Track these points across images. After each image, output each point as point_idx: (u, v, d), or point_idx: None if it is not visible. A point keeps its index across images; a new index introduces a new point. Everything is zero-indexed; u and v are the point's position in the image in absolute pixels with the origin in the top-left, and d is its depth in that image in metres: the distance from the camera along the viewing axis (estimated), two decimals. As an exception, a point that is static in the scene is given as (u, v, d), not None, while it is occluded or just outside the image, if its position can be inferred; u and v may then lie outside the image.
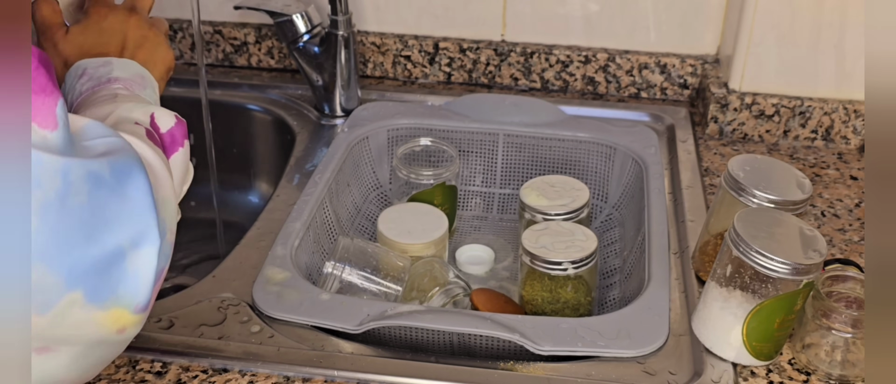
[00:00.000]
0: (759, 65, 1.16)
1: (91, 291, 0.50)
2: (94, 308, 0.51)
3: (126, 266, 0.52)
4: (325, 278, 0.93)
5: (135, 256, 0.53)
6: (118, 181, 0.52)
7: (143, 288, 0.54)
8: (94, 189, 0.50)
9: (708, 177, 1.09)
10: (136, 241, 0.53)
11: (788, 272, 0.74)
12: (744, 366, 0.80)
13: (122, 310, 0.53)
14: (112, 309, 0.52)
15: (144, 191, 0.54)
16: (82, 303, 0.50)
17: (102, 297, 0.51)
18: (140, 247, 0.53)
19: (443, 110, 1.19)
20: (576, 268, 0.91)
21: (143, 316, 0.55)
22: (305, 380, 0.78)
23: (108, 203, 0.51)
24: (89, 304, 0.51)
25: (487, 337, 0.82)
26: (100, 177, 0.51)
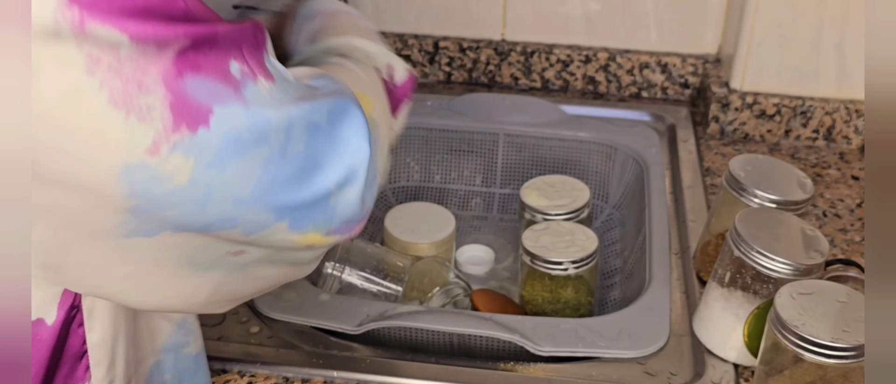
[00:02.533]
0: (760, 64, 1.16)
1: (295, 222, 0.54)
2: (295, 233, 0.55)
3: (329, 202, 0.56)
4: (325, 279, 0.93)
5: (339, 195, 0.56)
6: (332, 124, 0.55)
7: (337, 220, 0.57)
8: (311, 137, 0.53)
9: (709, 177, 1.09)
10: (343, 182, 0.56)
11: (790, 272, 0.74)
12: (745, 367, 0.80)
13: (316, 235, 0.56)
14: (309, 233, 0.56)
15: (358, 134, 0.57)
16: (285, 229, 0.54)
17: (303, 227, 0.55)
18: (345, 187, 0.56)
19: (443, 110, 1.19)
20: (576, 268, 0.91)
21: (337, 237, 0.58)
22: (305, 380, 0.78)
23: (321, 148, 0.54)
24: (291, 231, 0.55)
25: (487, 337, 0.82)
26: (317, 125, 0.54)
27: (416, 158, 1.20)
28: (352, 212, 0.58)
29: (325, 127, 0.55)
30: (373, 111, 0.62)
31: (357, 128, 0.57)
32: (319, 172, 0.54)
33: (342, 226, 0.58)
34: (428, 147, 1.19)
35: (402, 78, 0.73)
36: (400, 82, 0.73)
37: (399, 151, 1.19)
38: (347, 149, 0.56)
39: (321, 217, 0.56)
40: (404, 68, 0.74)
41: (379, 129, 0.62)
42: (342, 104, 0.57)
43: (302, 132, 0.53)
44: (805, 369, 0.69)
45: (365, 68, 0.69)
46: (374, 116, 0.62)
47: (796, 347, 0.68)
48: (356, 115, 0.57)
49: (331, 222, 0.57)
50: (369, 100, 0.63)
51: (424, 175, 1.21)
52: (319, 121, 0.54)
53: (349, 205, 0.57)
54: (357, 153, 0.57)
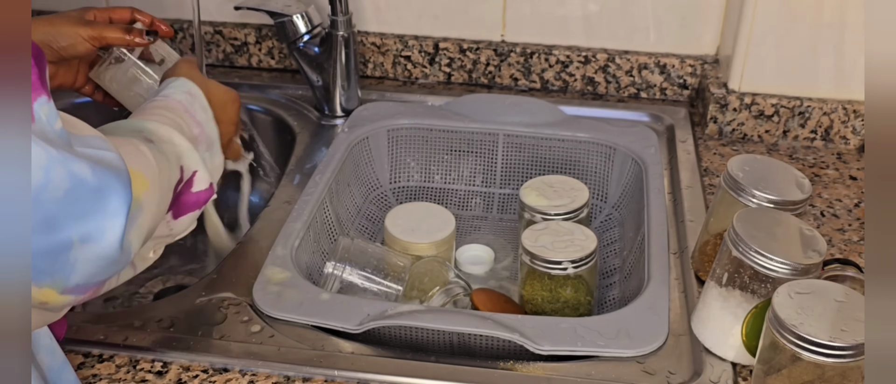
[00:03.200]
0: (758, 65, 1.16)
1: (34, 273, 0.54)
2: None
3: (69, 257, 0.56)
4: (326, 278, 0.93)
5: (80, 250, 0.56)
6: (98, 187, 0.56)
7: (74, 277, 0.57)
8: (73, 189, 0.54)
9: (707, 177, 1.10)
10: (86, 239, 0.56)
11: (788, 272, 0.74)
12: (743, 366, 0.80)
13: (51, 291, 0.57)
14: (44, 288, 0.56)
15: (120, 200, 0.58)
16: None
17: (40, 279, 0.55)
18: (87, 243, 0.56)
19: (443, 110, 1.20)
20: (576, 267, 0.91)
21: (71, 298, 0.59)
22: (306, 379, 0.78)
23: (80, 203, 0.55)
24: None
25: (487, 336, 0.83)
26: (83, 180, 0.55)
27: (416, 158, 1.20)
28: (87, 274, 0.58)
29: (92, 186, 0.55)
30: (143, 193, 0.63)
31: (120, 198, 0.57)
32: (67, 224, 0.54)
33: (79, 287, 0.58)
34: (428, 147, 1.19)
35: (201, 188, 0.75)
36: (196, 190, 0.75)
37: (399, 151, 1.19)
38: (102, 213, 0.56)
39: (59, 271, 0.56)
40: (206, 181, 0.76)
41: (143, 213, 0.63)
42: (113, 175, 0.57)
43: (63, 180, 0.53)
44: (803, 368, 0.70)
45: (164, 160, 0.70)
46: (141, 198, 0.63)
47: (794, 346, 0.68)
48: (122, 187, 0.58)
49: (67, 279, 0.57)
50: (145, 180, 0.64)
51: (424, 175, 1.21)
52: (86, 179, 0.55)
53: (90, 265, 0.57)
54: (110, 219, 0.57)
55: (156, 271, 1.19)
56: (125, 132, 0.71)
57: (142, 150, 0.67)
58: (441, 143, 1.19)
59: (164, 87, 0.81)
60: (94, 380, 0.77)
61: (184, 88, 0.81)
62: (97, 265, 0.58)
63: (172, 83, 0.81)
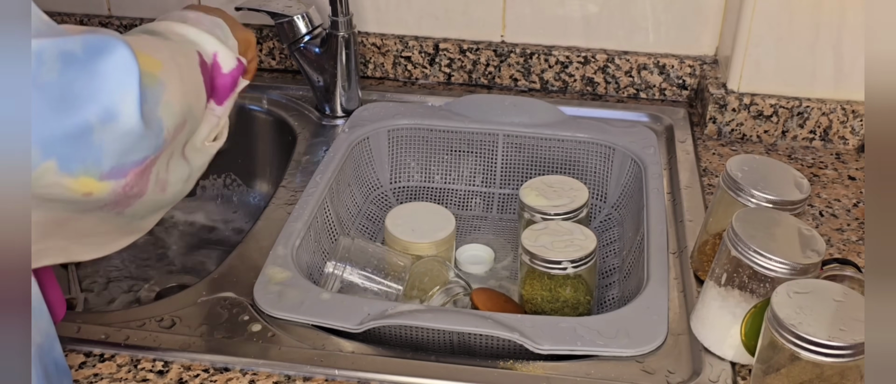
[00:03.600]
0: (757, 65, 1.17)
1: (62, 161, 0.55)
2: (66, 176, 0.56)
3: (93, 139, 0.56)
4: (327, 278, 0.94)
5: (103, 131, 0.56)
6: (90, 58, 0.56)
7: (106, 159, 0.57)
8: (66, 67, 0.54)
9: (706, 177, 1.10)
10: (105, 118, 0.56)
11: (786, 272, 0.74)
12: (742, 366, 0.80)
13: (88, 178, 0.57)
14: (80, 177, 0.56)
15: (121, 69, 0.57)
16: (55, 170, 0.55)
17: (71, 166, 0.56)
18: (108, 123, 0.56)
19: (443, 111, 1.20)
20: (575, 267, 0.92)
21: (112, 183, 0.59)
22: (306, 379, 0.78)
23: (77, 78, 0.55)
24: (61, 173, 0.55)
25: (487, 336, 0.83)
26: (72, 54, 0.55)
27: (417, 159, 1.20)
28: (118, 154, 0.58)
29: (81, 58, 0.55)
30: (159, 71, 0.62)
31: (121, 66, 0.57)
32: (76, 104, 0.55)
33: (114, 169, 0.58)
34: (428, 147, 1.20)
35: (230, 66, 0.74)
36: (227, 70, 0.74)
37: (399, 152, 1.20)
38: (107, 84, 0.56)
39: (88, 155, 0.56)
40: (232, 57, 0.75)
41: (166, 89, 0.62)
42: (103, 41, 0.57)
43: (54, 61, 0.53)
44: (802, 367, 0.70)
45: (171, 43, 0.69)
46: (158, 74, 0.62)
47: (793, 346, 0.69)
48: (121, 54, 0.57)
49: (100, 163, 0.57)
50: (155, 61, 0.63)
51: (424, 175, 1.21)
52: (74, 51, 0.55)
53: (116, 144, 0.57)
54: (119, 90, 0.57)
55: (156, 270, 1.20)
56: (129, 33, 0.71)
57: (143, 37, 0.67)
58: (441, 144, 1.19)
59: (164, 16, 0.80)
60: (95, 379, 0.78)
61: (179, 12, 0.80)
62: (124, 142, 0.58)
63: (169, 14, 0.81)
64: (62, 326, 0.82)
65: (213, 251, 1.24)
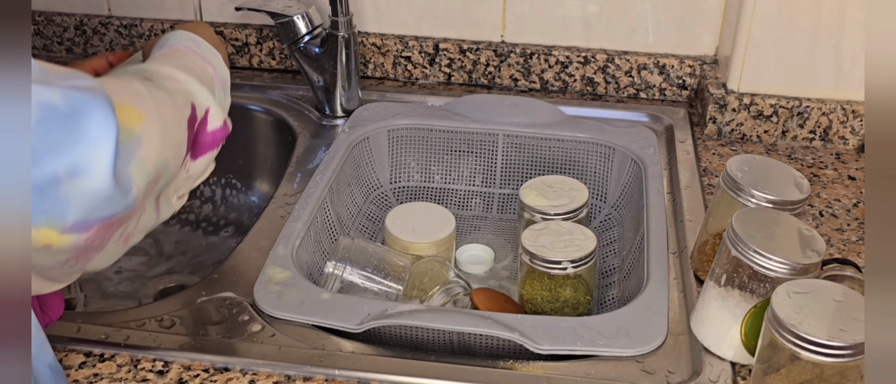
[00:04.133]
0: (757, 65, 1.17)
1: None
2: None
3: (60, 191, 0.55)
4: (327, 278, 0.94)
5: (71, 184, 0.55)
6: (71, 113, 0.55)
7: (71, 213, 0.56)
8: (45, 119, 0.54)
9: (706, 177, 1.10)
10: (74, 171, 0.55)
11: (786, 272, 0.74)
12: (742, 365, 0.80)
13: (50, 231, 0.56)
14: (42, 228, 0.55)
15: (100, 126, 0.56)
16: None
17: (34, 218, 0.55)
18: (77, 177, 0.56)
19: (443, 111, 1.20)
20: (575, 267, 0.92)
21: (74, 237, 0.58)
22: (306, 379, 0.78)
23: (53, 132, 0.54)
24: None
25: (487, 336, 0.83)
26: (53, 107, 0.54)
27: (417, 158, 1.20)
28: (84, 210, 0.57)
29: (63, 113, 0.54)
30: (138, 125, 0.61)
31: (99, 123, 0.56)
32: (48, 156, 0.54)
33: (78, 224, 0.57)
34: (428, 147, 1.20)
35: (215, 126, 0.73)
36: (211, 128, 0.73)
37: (399, 152, 1.20)
38: (81, 139, 0.55)
39: (52, 208, 0.55)
40: (220, 118, 0.74)
41: (142, 146, 0.61)
42: (84, 98, 0.56)
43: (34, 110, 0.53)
44: (802, 367, 0.70)
45: (163, 95, 0.67)
46: (136, 130, 0.61)
47: (793, 346, 0.69)
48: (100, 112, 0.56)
49: (64, 216, 0.56)
50: (137, 114, 0.62)
51: (424, 175, 1.21)
52: (56, 105, 0.54)
53: (83, 199, 0.56)
54: (92, 146, 0.56)
55: (156, 270, 1.20)
56: (121, 74, 0.70)
57: (133, 85, 0.65)
58: (441, 144, 1.19)
59: (165, 40, 0.78)
60: (95, 379, 0.78)
61: (185, 36, 0.79)
62: (92, 199, 0.57)
63: (173, 34, 0.79)
64: (62, 326, 0.82)
65: (213, 251, 1.24)
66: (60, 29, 1.40)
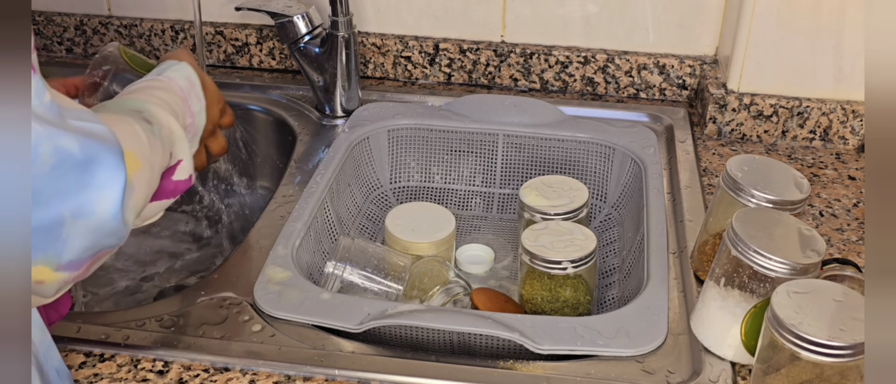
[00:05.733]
0: (757, 65, 1.17)
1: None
2: None
3: (62, 233, 0.56)
4: (327, 278, 0.94)
5: (73, 225, 0.56)
6: (85, 161, 0.56)
7: (68, 252, 0.57)
8: (59, 164, 0.54)
9: (706, 177, 1.10)
10: (78, 214, 0.56)
11: (786, 272, 0.74)
12: (742, 365, 0.80)
13: (45, 268, 0.57)
14: (38, 265, 0.56)
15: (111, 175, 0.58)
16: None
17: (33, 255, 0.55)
18: (79, 220, 0.56)
19: (443, 111, 1.20)
20: (575, 267, 0.92)
21: (65, 275, 0.58)
22: (306, 378, 0.78)
23: (66, 177, 0.55)
24: None
25: (487, 336, 0.83)
26: (69, 154, 0.55)
27: (417, 158, 1.20)
28: (81, 249, 0.58)
29: (79, 161, 0.55)
30: (134, 174, 0.63)
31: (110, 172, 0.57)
32: (57, 199, 0.54)
33: (72, 262, 0.58)
34: (428, 147, 1.20)
35: (181, 177, 0.74)
36: (177, 178, 0.74)
37: (399, 151, 1.20)
38: (92, 186, 0.57)
39: (52, 247, 0.56)
40: (188, 171, 0.74)
41: (134, 193, 0.63)
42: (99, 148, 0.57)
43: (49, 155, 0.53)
44: (802, 367, 0.70)
45: (157, 143, 0.69)
46: (132, 178, 0.62)
47: (793, 346, 0.69)
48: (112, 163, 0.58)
49: (61, 256, 0.57)
50: (136, 161, 0.63)
51: (424, 175, 1.21)
52: (73, 152, 0.55)
53: (83, 239, 0.57)
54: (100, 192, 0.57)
55: (156, 270, 1.20)
56: (124, 110, 0.70)
57: (136, 129, 0.66)
58: (441, 143, 1.19)
59: (165, 68, 0.79)
60: (95, 379, 0.78)
61: (185, 74, 0.79)
62: (91, 239, 0.58)
63: (174, 66, 0.80)
64: (62, 326, 0.82)
65: (213, 251, 1.24)
66: (60, 29, 1.40)
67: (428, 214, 1.04)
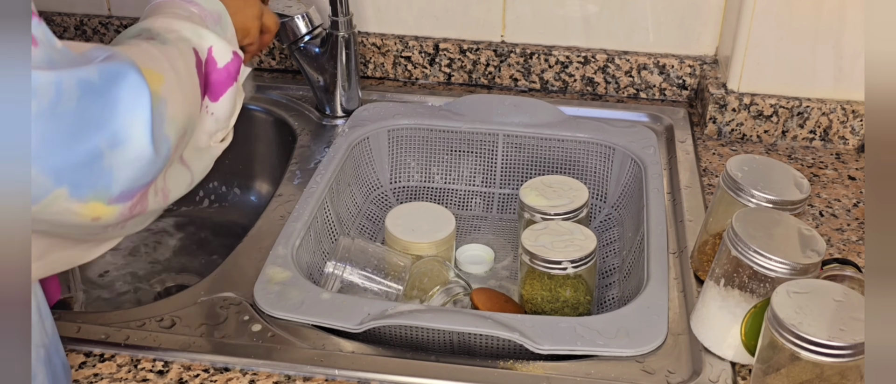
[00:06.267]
0: (757, 65, 1.17)
1: (73, 187, 0.55)
2: (75, 201, 0.56)
3: (103, 164, 0.56)
4: (327, 278, 0.94)
5: (112, 156, 0.57)
6: (106, 85, 0.56)
7: (116, 184, 0.58)
8: (83, 96, 0.55)
9: (706, 177, 1.10)
10: (114, 143, 0.57)
11: (786, 272, 0.74)
12: (742, 365, 0.80)
13: (98, 203, 0.57)
14: (90, 202, 0.57)
15: (134, 93, 0.58)
16: (66, 197, 0.55)
17: (82, 193, 0.56)
18: (117, 148, 0.57)
19: (443, 111, 1.20)
20: (575, 267, 0.92)
21: (120, 207, 0.59)
22: (306, 379, 0.78)
23: (93, 107, 0.55)
24: (72, 198, 0.56)
25: (487, 336, 0.83)
26: (90, 82, 0.55)
27: (417, 158, 1.20)
28: (129, 179, 0.58)
29: (98, 86, 0.56)
30: (161, 86, 0.62)
31: (133, 91, 0.58)
32: (89, 131, 0.55)
33: (123, 193, 0.58)
34: (428, 147, 1.20)
35: (225, 60, 0.73)
36: (222, 64, 0.73)
37: (400, 151, 1.20)
38: (119, 110, 0.57)
39: (99, 181, 0.56)
40: (227, 50, 0.73)
41: (167, 105, 0.62)
42: (117, 67, 0.57)
43: (73, 90, 0.54)
44: (802, 367, 0.70)
45: (170, 48, 0.68)
46: (160, 91, 0.62)
47: (793, 346, 0.69)
48: (132, 80, 0.58)
49: (110, 188, 0.57)
50: (158, 76, 0.63)
51: (424, 175, 1.21)
52: (93, 80, 0.55)
53: (126, 169, 0.58)
54: (129, 116, 0.57)
55: (156, 270, 1.20)
56: (122, 41, 0.70)
57: (143, 47, 0.66)
58: (441, 143, 1.19)
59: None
60: (95, 379, 0.78)
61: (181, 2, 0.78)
62: (135, 167, 0.58)
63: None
64: (62, 326, 0.82)
65: (213, 251, 1.24)
66: (60, 29, 1.40)
67: (428, 214, 1.04)
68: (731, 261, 0.78)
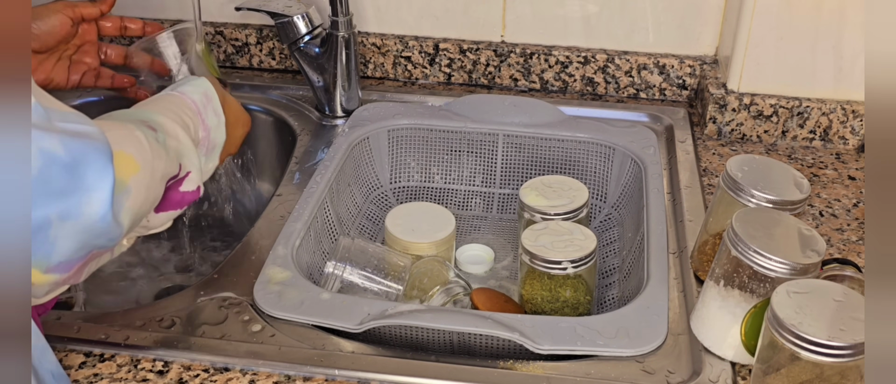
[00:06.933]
0: (757, 65, 1.17)
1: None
2: None
3: (49, 234, 0.56)
4: (327, 278, 0.94)
5: (61, 227, 0.57)
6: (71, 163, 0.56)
7: (56, 255, 0.58)
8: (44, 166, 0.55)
9: (706, 177, 1.10)
10: (66, 216, 0.57)
11: (786, 271, 0.74)
12: (742, 365, 0.80)
13: (35, 270, 0.57)
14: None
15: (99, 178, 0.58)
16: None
17: None
18: (66, 221, 0.57)
19: (443, 111, 1.20)
20: (575, 267, 0.92)
21: (55, 277, 0.59)
22: (306, 379, 0.78)
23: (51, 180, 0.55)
24: None
25: (487, 336, 0.83)
26: (53, 156, 0.55)
27: (417, 158, 1.20)
28: (70, 251, 0.58)
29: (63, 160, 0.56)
30: (131, 177, 0.63)
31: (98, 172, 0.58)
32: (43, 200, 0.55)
33: (60, 265, 0.58)
34: (428, 147, 1.20)
35: (189, 189, 0.75)
36: (185, 189, 0.75)
37: (399, 151, 1.20)
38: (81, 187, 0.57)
39: (40, 250, 0.56)
40: (196, 183, 0.75)
41: (131, 196, 0.63)
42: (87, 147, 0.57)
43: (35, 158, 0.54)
44: (802, 367, 0.70)
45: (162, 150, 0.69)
46: (128, 181, 0.62)
47: (793, 346, 0.69)
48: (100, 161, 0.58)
49: (50, 257, 0.57)
50: (134, 165, 0.64)
51: (424, 175, 1.21)
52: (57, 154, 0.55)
53: (69, 242, 0.58)
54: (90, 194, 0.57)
55: (156, 270, 1.20)
56: (127, 119, 0.71)
57: (136, 135, 0.67)
58: (441, 143, 1.19)
59: (182, 83, 0.81)
60: (95, 379, 0.78)
61: (201, 89, 0.81)
62: (80, 239, 0.58)
63: (191, 81, 0.81)
64: (62, 326, 0.82)
65: (213, 251, 1.24)
66: (60, 29, 1.40)
67: (428, 214, 1.04)
68: (731, 261, 0.78)
